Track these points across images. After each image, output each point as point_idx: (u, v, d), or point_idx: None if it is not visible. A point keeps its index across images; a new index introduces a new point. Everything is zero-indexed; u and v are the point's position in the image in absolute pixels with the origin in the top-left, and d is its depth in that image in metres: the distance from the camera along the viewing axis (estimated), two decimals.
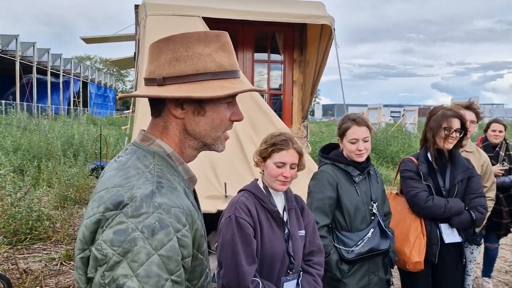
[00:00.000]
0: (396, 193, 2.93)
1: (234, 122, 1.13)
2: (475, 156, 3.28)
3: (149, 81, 1.07)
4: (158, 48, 1.05)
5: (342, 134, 2.44)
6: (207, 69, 1.03)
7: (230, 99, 1.08)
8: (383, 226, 2.44)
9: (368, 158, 2.48)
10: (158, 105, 1.07)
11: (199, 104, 1.04)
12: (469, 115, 3.23)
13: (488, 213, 3.39)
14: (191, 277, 0.97)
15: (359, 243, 2.35)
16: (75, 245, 0.97)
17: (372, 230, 2.40)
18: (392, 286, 2.62)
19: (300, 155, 1.95)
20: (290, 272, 1.94)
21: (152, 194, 0.90)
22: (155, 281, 0.84)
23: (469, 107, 3.35)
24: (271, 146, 1.93)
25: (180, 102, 1.04)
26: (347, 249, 2.33)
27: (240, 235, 1.82)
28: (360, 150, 2.37)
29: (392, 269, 2.62)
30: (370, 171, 2.51)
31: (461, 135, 2.69)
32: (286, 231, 1.96)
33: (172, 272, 0.87)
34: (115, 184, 0.95)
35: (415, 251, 2.62)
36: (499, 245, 4.13)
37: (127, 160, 1.02)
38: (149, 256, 0.84)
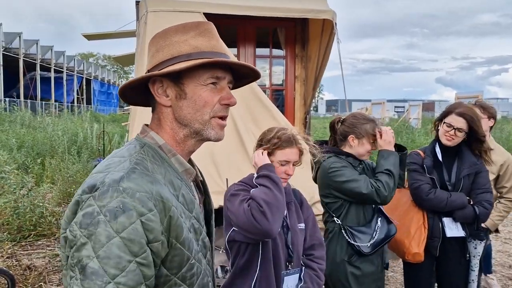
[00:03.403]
0: (403, 186, 2.92)
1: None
2: (496, 153, 3.24)
3: None
4: (148, 47, 1.13)
5: (363, 134, 2.46)
6: (181, 52, 1.06)
7: (213, 80, 1.07)
8: (385, 212, 2.49)
9: None
10: (151, 100, 1.12)
11: (179, 86, 1.06)
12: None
13: (507, 214, 3.37)
14: (169, 266, 0.98)
15: (374, 235, 2.39)
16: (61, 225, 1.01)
17: (379, 219, 2.45)
18: (386, 270, 2.71)
19: (301, 152, 1.97)
20: (290, 266, 1.94)
21: (120, 179, 0.93)
22: (116, 262, 0.86)
23: (476, 104, 3.30)
24: (275, 144, 1.93)
25: (164, 89, 1.08)
26: (365, 244, 2.37)
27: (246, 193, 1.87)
28: (374, 149, 2.49)
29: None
30: (364, 161, 2.56)
31: (465, 135, 2.65)
32: (285, 224, 1.96)
33: (136, 254, 0.88)
34: (97, 170, 0.99)
35: (414, 242, 2.63)
36: (490, 240, 4.10)
37: (119, 150, 1.07)
38: (110, 238, 0.86)
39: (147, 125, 1.14)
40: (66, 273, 0.94)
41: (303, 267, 2.02)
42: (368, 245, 2.37)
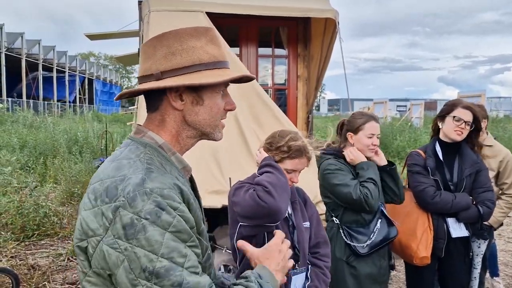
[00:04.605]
0: (403, 187, 2.90)
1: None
2: (493, 150, 3.23)
3: (146, 78, 1.11)
4: (153, 46, 1.11)
5: (357, 128, 2.47)
6: (202, 60, 1.09)
7: (224, 88, 1.14)
8: (387, 214, 2.47)
9: None
10: (155, 100, 1.12)
11: (197, 94, 1.09)
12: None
13: (510, 210, 3.36)
14: None
15: (371, 236, 2.38)
16: (74, 234, 1.01)
17: (379, 220, 2.44)
18: (393, 271, 2.69)
19: (309, 161, 1.98)
20: (296, 265, 1.94)
21: (143, 181, 0.95)
22: (178, 252, 0.92)
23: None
24: (284, 153, 1.92)
25: (179, 93, 1.09)
26: (361, 244, 2.37)
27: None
28: (374, 145, 2.46)
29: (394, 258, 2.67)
30: None
31: (471, 129, 2.65)
32: (290, 223, 1.97)
33: (186, 240, 0.95)
34: (108, 176, 0.99)
35: (422, 246, 2.59)
36: (495, 239, 4.09)
37: (120, 152, 1.08)
38: (163, 235, 0.91)
39: (140, 125, 1.15)
40: (91, 279, 0.97)
41: (309, 266, 2.03)
42: (364, 245, 2.36)
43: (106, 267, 0.92)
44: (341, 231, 2.40)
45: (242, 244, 1.29)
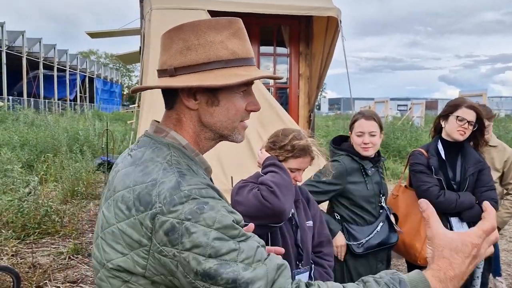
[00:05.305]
0: (405, 186, 2.88)
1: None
2: (498, 150, 3.22)
3: (161, 73, 1.04)
4: (170, 38, 1.02)
5: (350, 127, 2.50)
6: (220, 57, 0.99)
7: (245, 88, 1.04)
8: (391, 220, 2.44)
9: (379, 152, 2.51)
10: (171, 97, 1.05)
11: (213, 93, 1.01)
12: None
13: None
14: None
15: (369, 237, 2.37)
16: (104, 252, 0.95)
17: (381, 224, 2.42)
18: None
19: (312, 159, 1.96)
20: (300, 264, 1.93)
21: (179, 184, 0.89)
22: (226, 250, 0.85)
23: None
24: (289, 152, 1.90)
25: (193, 92, 1.01)
26: (357, 243, 2.36)
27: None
28: (365, 144, 2.39)
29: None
30: (379, 165, 2.53)
31: (474, 129, 2.63)
32: (294, 222, 1.96)
33: (234, 236, 0.88)
34: (136, 182, 0.93)
35: (426, 246, 2.58)
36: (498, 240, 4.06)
37: (142, 153, 1.00)
38: (207, 234, 0.85)
39: (157, 121, 1.08)
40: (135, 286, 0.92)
41: (313, 265, 2.02)
42: (359, 245, 2.35)
43: (166, 273, 0.89)
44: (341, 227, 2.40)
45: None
